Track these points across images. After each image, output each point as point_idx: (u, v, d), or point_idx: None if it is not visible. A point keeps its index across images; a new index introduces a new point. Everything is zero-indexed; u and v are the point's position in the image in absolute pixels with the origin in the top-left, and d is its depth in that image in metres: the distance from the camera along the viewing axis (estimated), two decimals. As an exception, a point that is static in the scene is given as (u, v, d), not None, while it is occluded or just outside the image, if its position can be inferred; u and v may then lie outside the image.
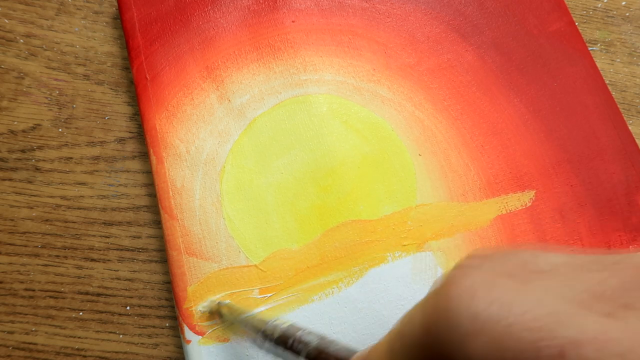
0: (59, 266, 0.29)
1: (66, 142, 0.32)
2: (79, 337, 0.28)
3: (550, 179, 0.28)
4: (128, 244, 0.30)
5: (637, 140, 0.29)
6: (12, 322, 0.28)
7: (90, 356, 0.28)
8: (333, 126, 0.29)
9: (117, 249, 0.30)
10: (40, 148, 0.32)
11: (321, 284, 0.26)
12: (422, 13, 0.31)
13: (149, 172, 0.31)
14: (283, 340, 0.20)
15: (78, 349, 0.28)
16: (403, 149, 0.29)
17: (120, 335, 0.28)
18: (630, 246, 0.27)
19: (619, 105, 0.29)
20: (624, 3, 0.35)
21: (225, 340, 0.25)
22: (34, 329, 0.28)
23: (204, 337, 0.25)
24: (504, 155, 0.28)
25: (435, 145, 0.29)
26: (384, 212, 0.27)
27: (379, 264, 0.26)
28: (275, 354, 0.21)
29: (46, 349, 0.28)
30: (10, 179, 0.31)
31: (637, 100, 0.33)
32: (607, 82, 0.32)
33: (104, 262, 0.29)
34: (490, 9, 0.31)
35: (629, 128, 0.29)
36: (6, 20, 0.34)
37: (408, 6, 0.31)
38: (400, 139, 0.29)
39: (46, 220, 0.30)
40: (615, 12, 0.34)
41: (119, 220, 0.30)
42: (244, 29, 0.31)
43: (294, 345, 0.20)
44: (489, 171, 0.28)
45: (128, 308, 0.29)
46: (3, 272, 0.29)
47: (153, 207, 0.30)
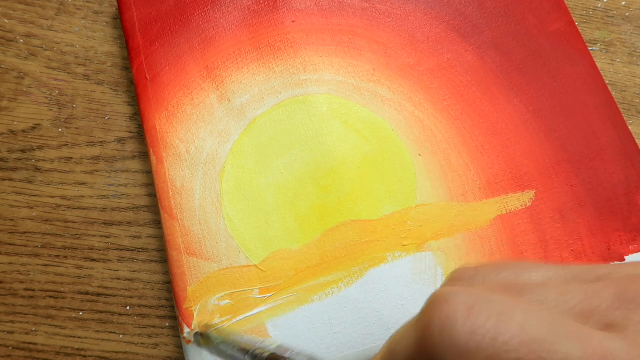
0: (59, 266, 0.29)
1: (66, 142, 0.32)
2: (79, 337, 0.28)
3: (550, 179, 0.28)
4: (128, 244, 0.30)
5: (637, 140, 0.29)
6: (12, 322, 0.28)
7: (90, 356, 0.28)
8: (333, 126, 0.29)
9: (117, 249, 0.30)
10: (40, 148, 0.32)
11: (321, 284, 0.26)
12: (422, 13, 0.31)
13: (149, 172, 0.31)
14: None
15: (78, 349, 0.28)
16: (403, 149, 0.29)
17: (120, 335, 0.28)
18: (630, 246, 0.27)
19: (619, 105, 0.29)
20: (624, 3, 0.35)
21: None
22: (34, 329, 0.28)
23: (205, 338, 0.25)
24: (504, 155, 0.28)
25: (435, 145, 0.29)
26: (384, 212, 0.27)
27: (379, 264, 0.26)
28: None
29: (46, 349, 0.28)
30: (10, 179, 0.31)
31: (637, 100, 0.33)
32: (607, 82, 0.32)
33: (104, 262, 0.29)
34: (490, 9, 0.31)
35: (629, 128, 0.29)
36: (6, 20, 0.34)
37: (408, 6, 0.31)
38: (400, 139, 0.29)
39: (46, 220, 0.30)
40: (615, 12, 0.34)
41: (119, 220, 0.30)
42: (244, 29, 0.31)
43: None
44: (489, 171, 0.28)
45: (128, 308, 0.29)
46: (3, 272, 0.29)
47: (153, 207, 0.30)
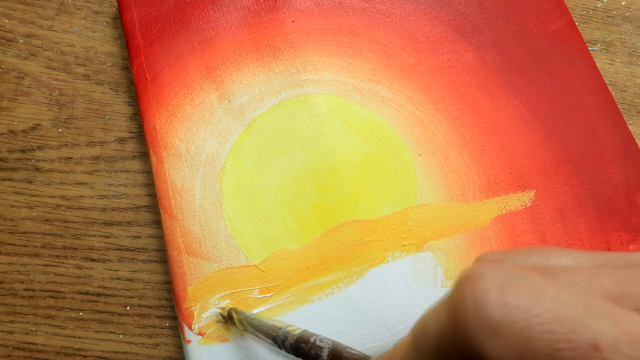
0: (59, 266, 0.29)
1: (66, 142, 0.32)
2: (79, 337, 0.28)
3: (550, 179, 0.28)
4: (128, 244, 0.30)
5: (637, 140, 0.29)
6: (12, 322, 0.28)
7: (90, 356, 0.28)
8: (333, 126, 0.29)
9: (117, 249, 0.30)
10: (40, 148, 0.32)
11: (321, 284, 0.26)
12: (422, 13, 0.31)
13: (149, 172, 0.31)
14: (297, 346, 0.20)
15: (78, 349, 0.28)
16: (403, 149, 0.29)
17: (120, 335, 0.28)
18: (630, 246, 0.27)
19: (619, 105, 0.29)
20: (624, 3, 0.35)
21: (225, 340, 0.25)
22: (34, 329, 0.28)
23: (204, 337, 0.25)
24: (504, 155, 0.28)
25: (435, 145, 0.29)
26: (384, 212, 0.27)
27: (379, 264, 0.26)
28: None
29: (46, 349, 0.28)
30: (10, 179, 0.31)
31: (637, 100, 0.33)
32: (607, 82, 0.32)
33: (104, 262, 0.29)
34: (490, 9, 0.31)
35: (629, 128, 0.29)
36: (6, 20, 0.34)
37: (408, 6, 0.31)
38: (400, 139, 0.29)
39: (46, 220, 0.30)
40: (615, 12, 0.34)
41: (119, 220, 0.30)
42: (244, 29, 0.31)
43: (309, 351, 0.20)
44: (489, 171, 0.28)
45: (128, 308, 0.29)
46: (3, 272, 0.29)
47: (153, 207, 0.30)
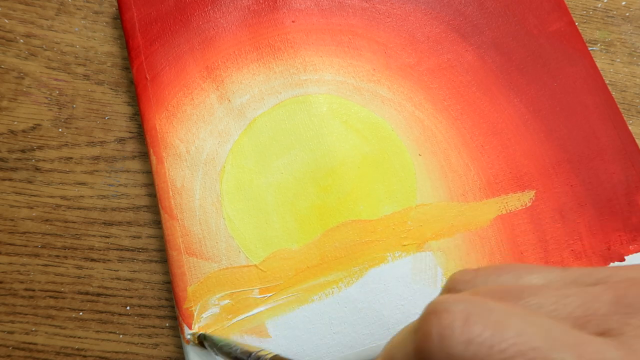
0: (59, 266, 0.29)
1: (66, 142, 0.32)
2: (79, 337, 0.28)
3: (550, 179, 0.28)
4: (128, 244, 0.30)
5: (637, 140, 0.29)
6: (12, 322, 0.28)
7: (90, 356, 0.28)
8: (333, 126, 0.29)
9: (117, 249, 0.30)
10: (40, 148, 0.32)
11: (321, 284, 0.26)
12: (422, 13, 0.31)
13: (149, 172, 0.31)
14: None
15: (78, 349, 0.28)
16: (403, 149, 0.29)
17: (120, 335, 0.28)
18: (630, 246, 0.27)
19: (619, 105, 0.29)
20: (624, 3, 0.35)
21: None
22: (34, 329, 0.28)
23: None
24: (504, 155, 0.28)
25: (435, 145, 0.29)
26: (384, 212, 0.27)
27: (379, 264, 0.26)
28: None
29: (46, 349, 0.28)
30: (10, 179, 0.31)
31: (637, 100, 0.33)
32: (607, 82, 0.32)
33: (104, 262, 0.29)
34: (490, 9, 0.31)
35: (629, 128, 0.29)
36: (6, 20, 0.34)
37: (408, 6, 0.31)
38: (400, 139, 0.29)
39: (46, 220, 0.30)
40: (615, 12, 0.34)
41: (119, 220, 0.30)
42: (244, 29, 0.31)
43: None
44: (489, 171, 0.28)
45: (128, 308, 0.29)
46: (3, 272, 0.29)
47: (153, 207, 0.30)
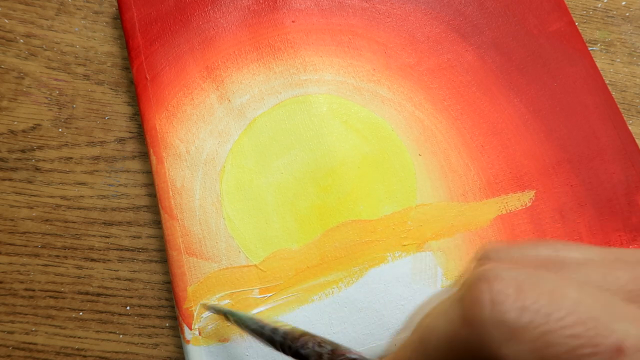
0: (59, 266, 0.29)
1: (66, 142, 0.32)
2: (79, 337, 0.28)
3: (550, 179, 0.28)
4: (128, 244, 0.30)
5: (637, 140, 0.29)
6: (12, 322, 0.28)
7: (90, 356, 0.28)
8: (333, 126, 0.29)
9: (117, 249, 0.30)
10: (40, 148, 0.32)
11: (321, 284, 0.26)
12: (422, 13, 0.31)
13: (149, 172, 0.31)
14: (297, 346, 0.20)
15: (78, 349, 0.28)
16: (403, 149, 0.29)
17: (120, 335, 0.28)
18: (630, 246, 0.27)
19: (619, 105, 0.29)
20: (624, 3, 0.35)
21: (225, 340, 0.25)
22: (34, 329, 0.28)
23: (204, 337, 0.25)
24: (504, 155, 0.28)
25: (435, 145, 0.29)
26: (384, 212, 0.27)
27: (379, 264, 0.26)
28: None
29: (46, 349, 0.28)
30: (10, 179, 0.31)
31: (637, 100, 0.33)
32: (607, 82, 0.32)
33: (104, 262, 0.29)
34: (490, 9, 0.31)
35: (629, 128, 0.29)
36: (6, 20, 0.34)
37: (408, 6, 0.31)
38: (400, 139, 0.29)
39: (46, 220, 0.30)
40: (615, 12, 0.34)
41: (119, 220, 0.30)
42: (244, 29, 0.31)
43: (309, 351, 0.19)
44: (489, 171, 0.28)
45: (128, 308, 0.29)
46: (3, 272, 0.29)
47: (153, 207, 0.30)
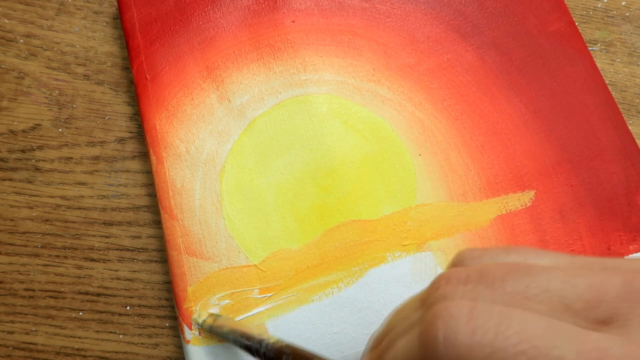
0: (59, 266, 0.29)
1: (66, 142, 0.32)
2: (79, 337, 0.28)
3: (550, 179, 0.28)
4: (128, 244, 0.30)
5: (637, 140, 0.29)
6: (12, 322, 0.28)
7: (90, 356, 0.28)
8: (333, 126, 0.29)
9: (117, 249, 0.30)
10: (40, 148, 0.32)
11: (321, 284, 0.26)
12: (422, 13, 0.31)
13: (149, 172, 0.31)
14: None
15: (78, 349, 0.28)
16: (403, 149, 0.29)
17: (120, 335, 0.28)
18: (630, 246, 0.27)
19: (619, 105, 0.29)
20: (624, 3, 0.35)
21: (225, 340, 0.25)
22: (34, 329, 0.28)
23: (204, 337, 0.25)
24: (504, 155, 0.28)
25: (435, 145, 0.29)
26: (384, 212, 0.27)
27: (379, 264, 0.26)
28: None
29: (46, 349, 0.28)
30: (10, 179, 0.31)
31: (637, 100, 0.33)
32: (607, 82, 0.32)
33: (104, 262, 0.29)
34: (490, 9, 0.31)
35: (629, 128, 0.29)
36: (6, 20, 0.34)
37: (408, 6, 0.31)
38: (400, 139, 0.29)
39: (46, 220, 0.30)
40: (615, 12, 0.34)
41: (119, 220, 0.30)
42: (244, 29, 0.31)
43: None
44: (489, 171, 0.28)
45: (128, 308, 0.29)
46: (3, 272, 0.29)
47: (153, 207, 0.30)
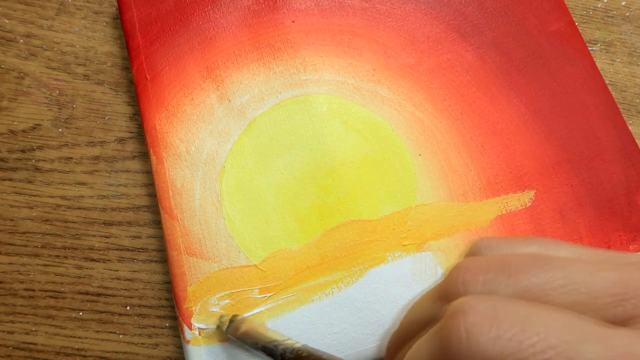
0: (59, 266, 0.29)
1: (66, 142, 0.32)
2: (79, 337, 0.28)
3: (550, 179, 0.28)
4: (128, 244, 0.30)
5: (637, 140, 0.29)
6: (12, 322, 0.28)
7: (90, 356, 0.28)
8: (333, 126, 0.29)
9: (117, 249, 0.30)
10: (40, 148, 0.32)
11: (321, 284, 0.26)
12: (422, 13, 0.31)
13: (149, 172, 0.31)
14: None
15: (78, 349, 0.28)
16: (403, 149, 0.29)
17: (120, 335, 0.28)
18: (630, 246, 0.27)
19: (619, 105, 0.29)
20: (624, 3, 0.35)
21: (225, 340, 0.25)
22: (34, 329, 0.28)
23: (204, 337, 0.25)
24: (504, 155, 0.28)
25: (435, 145, 0.29)
26: (384, 212, 0.27)
27: (379, 264, 0.26)
28: None
29: (46, 349, 0.28)
30: (10, 179, 0.31)
31: (637, 100, 0.33)
32: (607, 82, 0.32)
33: (104, 262, 0.29)
34: (490, 9, 0.31)
35: (629, 128, 0.29)
36: (6, 20, 0.34)
37: (408, 6, 0.31)
38: (400, 139, 0.29)
39: (46, 220, 0.30)
40: (615, 12, 0.34)
41: (119, 220, 0.30)
42: (244, 29, 0.31)
43: None
44: (489, 171, 0.28)
45: (128, 308, 0.29)
46: (3, 272, 0.29)
47: (153, 207, 0.30)
